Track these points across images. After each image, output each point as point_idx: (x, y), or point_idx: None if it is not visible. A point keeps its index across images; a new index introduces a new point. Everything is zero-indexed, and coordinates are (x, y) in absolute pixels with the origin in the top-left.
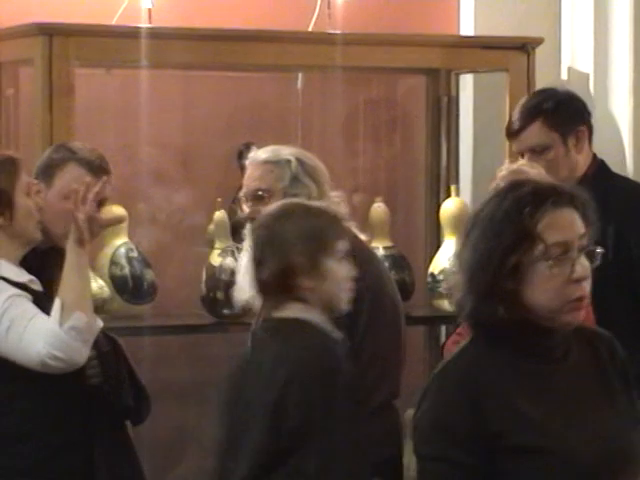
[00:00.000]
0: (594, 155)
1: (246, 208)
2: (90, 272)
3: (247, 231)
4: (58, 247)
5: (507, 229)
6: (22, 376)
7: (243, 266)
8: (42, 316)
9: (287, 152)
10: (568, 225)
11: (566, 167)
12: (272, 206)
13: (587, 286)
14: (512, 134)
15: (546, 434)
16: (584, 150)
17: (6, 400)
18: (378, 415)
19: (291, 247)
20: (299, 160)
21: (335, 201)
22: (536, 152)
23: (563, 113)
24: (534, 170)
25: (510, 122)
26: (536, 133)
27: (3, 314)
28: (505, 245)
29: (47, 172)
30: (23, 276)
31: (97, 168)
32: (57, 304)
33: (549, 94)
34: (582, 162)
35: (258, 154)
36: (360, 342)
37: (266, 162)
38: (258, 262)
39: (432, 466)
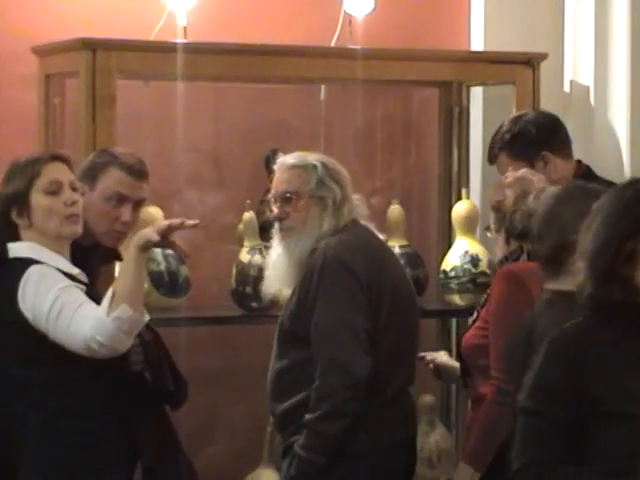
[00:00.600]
0: (579, 162)
1: (275, 209)
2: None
3: (275, 230)
4: (100, 244)
5: (626, 218)
6: (75, 361)
7: (272, 262)
8: (91, 304)
9: (313, 158)
10: None
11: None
12: (554, 187)
13: None
14: (490, 162)
15: (636, 403)
16: (557, 168)
17: (65, 382)
18: (394, 401)
19: (568, 226)
20: (324, 165)
21: (357, 203)
22: None
23: (520, 144)
24: (536, 177)
25: (488, 150)
26: (504, 163)
27: (55, 300)
28: (623, 233)
29: (90, 175)
30: (72, 269)
31: (137, 172)
32: (109, 294)
33: (510, 125)
34: (566, 174)
35: (286, 159)
36: (380, 337)
37: (294, 167)
38: (538, 236)
39: (528, 420)
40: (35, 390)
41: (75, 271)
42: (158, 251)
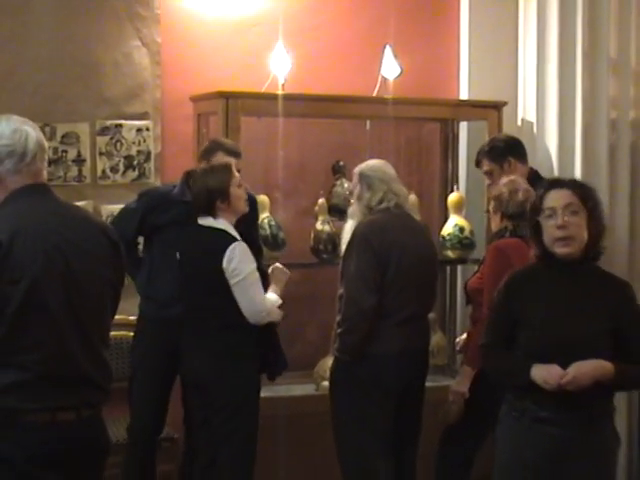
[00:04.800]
0: (530, 168)
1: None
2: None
3: (349, 210)
4: None
5: (533, 208)
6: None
7: (345, 230)
8: (260, 286)
9: (363, 167)
10: (557, 199)
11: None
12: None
13: (562, 229)
14: (477, 166)
15: (537, 319)
16: (517, 169)
17: (230, 305)
18: (403, 324)
19: None
20: (362, 173)
21: (400, 196)
22: (488, 174)
23: (493, 153)
24: (521, 179)
25: (475, 158)
26: (484, 165)
27: (248, 274)
28: (532, 211)
29: (206, 157)
30: (236, 234)
31: (234, 153)
32: (273, 296)
33: (489, 142)
34: (523, 174)
35: (357, 167)
36: (390, 284)
37: (355, 173)
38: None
39: (487, 321)
40: (217, 309)
41: (237, 234)
42: (266, 222)
